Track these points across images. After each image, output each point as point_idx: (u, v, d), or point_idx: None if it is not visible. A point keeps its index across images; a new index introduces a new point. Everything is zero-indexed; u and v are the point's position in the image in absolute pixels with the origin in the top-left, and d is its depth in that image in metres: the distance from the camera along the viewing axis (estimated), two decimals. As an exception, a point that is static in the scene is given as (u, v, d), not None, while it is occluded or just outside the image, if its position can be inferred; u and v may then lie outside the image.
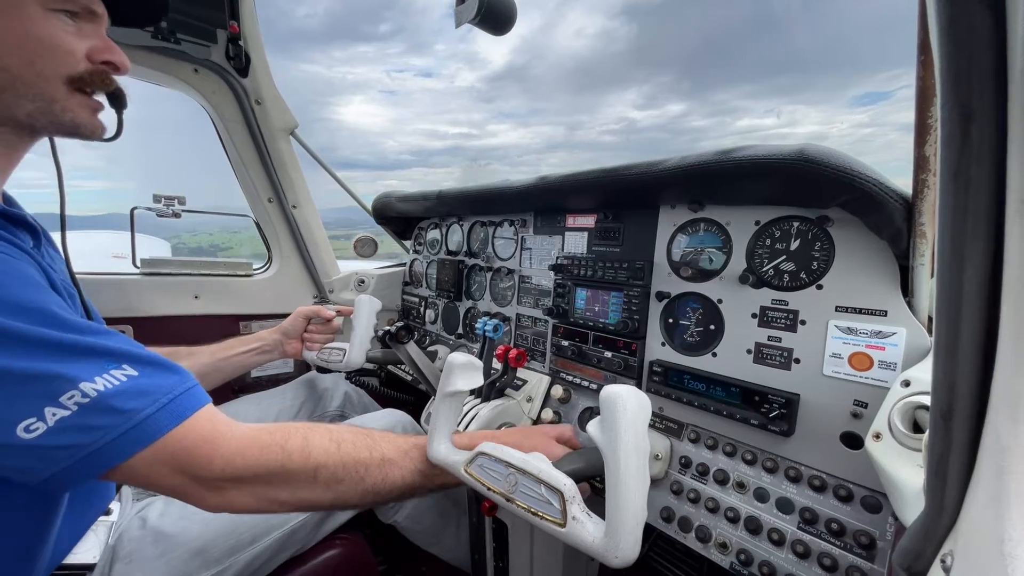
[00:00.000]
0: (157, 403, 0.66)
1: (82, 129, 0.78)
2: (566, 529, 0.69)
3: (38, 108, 0.73)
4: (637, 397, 0.67)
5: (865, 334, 0.79)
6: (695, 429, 1.01)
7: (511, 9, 1.00)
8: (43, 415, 0.58)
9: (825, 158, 0.73)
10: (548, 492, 0.72)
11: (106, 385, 0.62)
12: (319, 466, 0.78)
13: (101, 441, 0.62)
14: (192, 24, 1.59)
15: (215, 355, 1.39)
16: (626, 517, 0.63)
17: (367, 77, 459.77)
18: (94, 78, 0.77)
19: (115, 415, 0.63)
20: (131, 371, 0.66)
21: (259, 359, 1.47)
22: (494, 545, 1.21)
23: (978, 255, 0.34)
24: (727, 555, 0.87)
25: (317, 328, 1.54)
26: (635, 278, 1.11)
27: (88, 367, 0.62)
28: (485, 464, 0.82)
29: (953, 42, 0.31)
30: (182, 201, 1.83)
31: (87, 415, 0.61)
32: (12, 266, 0.64)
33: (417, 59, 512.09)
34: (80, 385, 0.60)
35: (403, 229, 2.12)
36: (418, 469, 0.88)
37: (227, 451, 0.72)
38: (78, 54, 0.74)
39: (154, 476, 0.68)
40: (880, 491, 0.75)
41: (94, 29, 0.77)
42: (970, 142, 0.32)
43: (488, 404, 1.22)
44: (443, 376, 0.88)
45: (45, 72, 0.71)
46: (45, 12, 0.70)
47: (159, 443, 0.66)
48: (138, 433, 0.64)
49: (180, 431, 0.68)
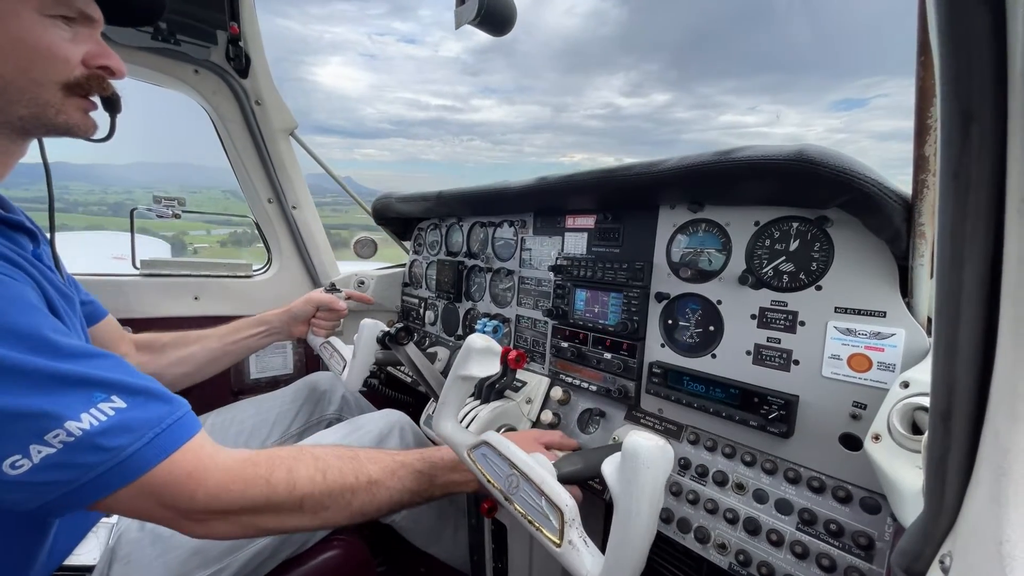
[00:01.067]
0: (143, 439, 0.65)
1: (75, 130, 0.79)
2: (561, 550, 0.67)
3: (32, 113, 0.73)
4: (663, 453, 0.63)
5: (864, 335, 0.79)
6: (694, 430, 1.01)
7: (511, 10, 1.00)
8: (28, 452, 0.58)
9: (824, 159, 0.73)
10: (548, 507, 0.71)
11: (92, 423, 0.62)
12: (304, 496, 0.78)
13: (85, 478, 0.62)
14: (192, 25, 1.59)
15: (224, 339, 1.41)
16: (625, 565, 0.62)
17: (346, 38, 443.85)
18: (90, 83, 0.77)
19: (100, 452, 0.62)
20: (119, 403, 0.65)
21: (266, 341, 1.49)
22: (493, 546, 1.21)
23: (978, 256, 0.34)
24: (726, 556, 0.86)
25: (325, 315, 1.55)
26: (635, 279, 1.11)
27: (76, 402, 0.62)
28: (488, 455, 0.81)
29: (953, 42, 0.31)
30: (182, 202, 1.84)
31: (72, 453, 0.60)
32: (11, 290, 0.63)
33: (400, 23, 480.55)
34: (65, 424, 0.60)
35: (403, 230, 2.12)
36: (406, 487, 0.88)
37: (212, 486, 0.71)
38: (73, 60, 0.74)
39: (138, 509, 0.69)
40: (879, 492, 0.75)
41: (89, 34, 0.77)
42: (970, 142, 0.32)
43: (487, 406, 1.22)
44: (460, 357, 0.86)
45: (40, 78, 0.71)
46: (41, 18, 0.70)
47: (143, 479, 0.65)
48: (122, 470, 0.64)
49: (165, 467, 0.67)
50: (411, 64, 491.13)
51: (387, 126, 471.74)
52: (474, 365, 0.85)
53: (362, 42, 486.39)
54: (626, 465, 0.63)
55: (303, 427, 1.52)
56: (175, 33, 1.57)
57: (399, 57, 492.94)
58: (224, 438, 1.38)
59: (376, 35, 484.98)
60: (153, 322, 1.76)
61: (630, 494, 0.62)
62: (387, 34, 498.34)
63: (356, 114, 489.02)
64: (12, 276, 0.65)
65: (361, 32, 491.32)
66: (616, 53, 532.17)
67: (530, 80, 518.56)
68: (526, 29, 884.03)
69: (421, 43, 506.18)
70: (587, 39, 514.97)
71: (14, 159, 0.80)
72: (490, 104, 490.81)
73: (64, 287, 0.85)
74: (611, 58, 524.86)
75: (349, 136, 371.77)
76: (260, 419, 1.45)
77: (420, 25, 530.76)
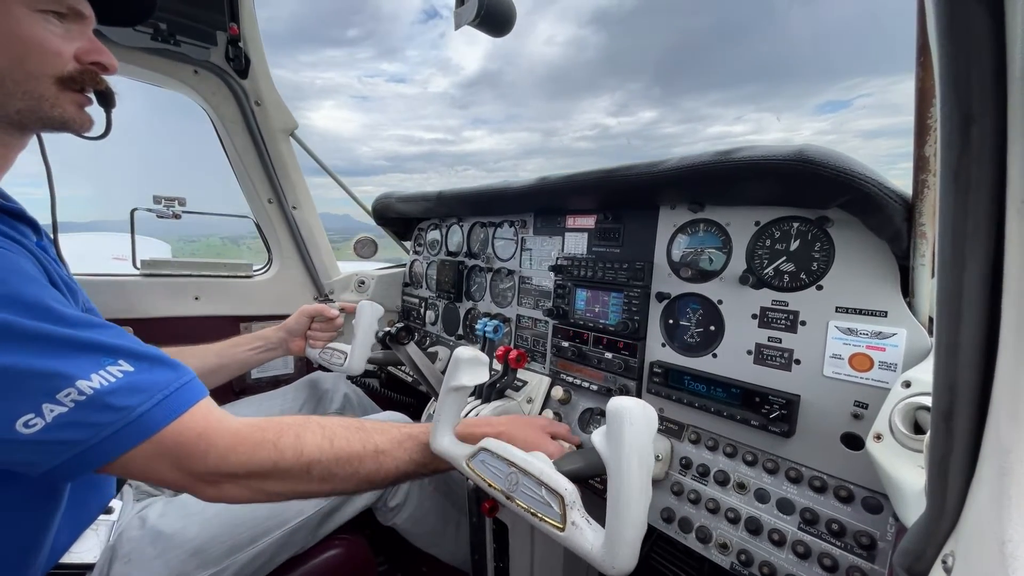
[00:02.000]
0: (152, 399, 0.68)
1: (71, 124, 0.80)
2: (565, 534, 0.69)
3: (27, 106, 0.74)
4: (644, 410, 0.66)
5: (865, 335, 0.79)
6: (696, 430, 1.01)
7: (510, 10, 1.00)
8: (41, 411, 0.60)
9: (824, 158, 0.73)
10: (548, 495, 0.72)
11: (102, 382, 0.64)
12: (312, 462, 0.79)
13: (97, 437, 0.63)
14: (192, 26, 1.59)
15: (220, 354, 1.41)
16: (625, 529, 0.63)
17: (337, 82, 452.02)
18: (84, 77, 0.78)
19: (111, 412, 0.64)
20: (127, 367, 0.67)
21: (264, 357, 1.48)
22: (494, 546, 1.21)
23: (979, 255, 0.34)
24: (728, 555, 0.87)
25: (320, 326, 1.55)
26: (635, 279, 1.11)
27: (85, 363, 0.64)
28: (487, 460, 0.82)
29: (952, 43, 0.31)
30: (182, 202, 1.84)
31: (84, 412, 0.62)
32: (11, 261, 0.65)
33: (388, 64, 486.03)
34: (76, 383, 0.62)
35: (403, 230, 2.12)
36: (412, 459, 0.89)
37: (222, 447, 0.73)
38: (65, 55, 0.75)
39: (151, 470, 0.70)
40: (881, 492, 0.75)
41: (81, 30, 0.79)
42: (970, 143, 0.32)
43: (488, 405, 1.22)
44: (449, 369, 0.88)
45: (34, 71, 0.73)
46: (31, 13, 0.71)
47: (154, 439, 0.67)
48: (133, 429, 0.66)
49: (175, 427, 0.69)
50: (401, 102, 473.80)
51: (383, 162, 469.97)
52: (464, 375, 0.87)
53: (352, 85, 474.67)
54: (611, 426, 0.66)
55: (304, 427, 1.52)
56: (175, 34, 1.57)
57: (390, 96, 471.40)
58: None
59: (366, 77, 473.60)
60: (154, 322, 1.76)
61: (619, 454, 0.64)
62: (376, 75, 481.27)
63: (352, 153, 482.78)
64: (10, 249, 0.66)
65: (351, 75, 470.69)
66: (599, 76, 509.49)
67: (518, 109, 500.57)
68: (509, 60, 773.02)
69: (410, 81, 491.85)
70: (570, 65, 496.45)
71: (13, 153, 0.81)
72: (481, 134, 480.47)
73: (69, 280, 0.86)
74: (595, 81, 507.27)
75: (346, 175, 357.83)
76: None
77: (408, 65, 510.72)
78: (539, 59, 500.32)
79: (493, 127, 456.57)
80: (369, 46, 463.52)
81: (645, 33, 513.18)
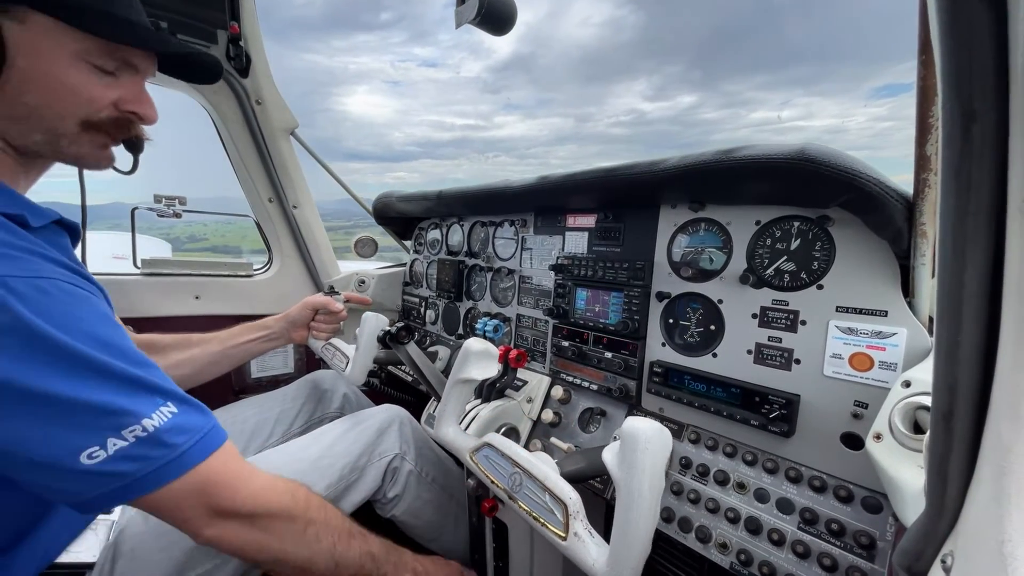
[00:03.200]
0: (194, 438, 0.73)
1: (84, 162, 0.82)
2: (567, 543, 0.69)
3: (45, 139, 0.75)
4: (660, 435, 0.65)
5: (866, 334, 0.79)
6: (695, 430, 1.01)
7: (511, 9, 1.00)
8: (105, 445, 0.65)
9: (825, 158, 0.73)
10: (552, 501, 0.72)
11: (161, 421, 0.69)
12: (311, 521, 0.86)
13: (146, 470, 0.68)
14: (192, 25, 1.59)
15: (224, 343, 1.42)
16: (631, 550, 0.63)
17: (370, 67, 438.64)
18: (112, 124, 0.78)
19: (163, 448, 0.69)
20: (173, 408, 0.72)
21: (267, 346, 1.50)
22: (494, 545, 1.21)
23: (979, 255, 0.34)
24: (727, 555, 0.87)
25: (324, 318, 1.56)
26: (635, 278, 1.11)
27: (147, 403, 0.69)
28: (491, 456, 0.82)
29: (954, 41, 0.31)
30: (183, 201, 1.83)
31: (141, 447, 0.67)
32: (95, 305, 0.70)
33: (420, 49, 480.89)
34: (143, 421, 0.67)
35: (403, 229, 2.12)
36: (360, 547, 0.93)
37: (252, 487, 0.79)
38: (101, 102, 0.75)
39: (179, 505, 0.74)
40: (880, 492, 0.75)
41: (132, 80, 0.79)
42: (971, 142, 0.32)
43: (488, 405, 1.22)
44: (458, 361, 0.87)
45: (62, 112, 0.73)
46: (78, 61, 0.72)
47: (191, 474, 0.72)
48: (177, 464, 0.71)
49: (209, 464, 0.75)
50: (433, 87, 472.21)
51: (414, 149, 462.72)
52: (473, 368, 0.86)
53: (385, 70, 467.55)
54: (625, 449, 0.65)
55: (305, 426, 1.52)
56: (175, 33, 1.57)
57: (422, 81, 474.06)
58: None
59: (398, 62, 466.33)
60: (154, 321, 1.76)
61: (631, 477, 0.63)
62: (408, 60, 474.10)
63: (384, 139, 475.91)
64: (89, 291, 0.71)
65: (384, 60, 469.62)
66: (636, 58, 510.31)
67: (551, 93, 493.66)
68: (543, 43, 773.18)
69: (442, 66, 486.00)
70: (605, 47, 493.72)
71: (37, 173, 0.82)
72: (513, 120, 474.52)
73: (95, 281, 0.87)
74: (631, 64, 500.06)
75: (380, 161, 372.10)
76: (262, 418, 1.46)
77: (440, 49, 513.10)
78: (573, 41, 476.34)
79: (525, 112, 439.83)
80: (401, 30, 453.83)
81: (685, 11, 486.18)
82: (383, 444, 1.25)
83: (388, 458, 1.23)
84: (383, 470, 1.22)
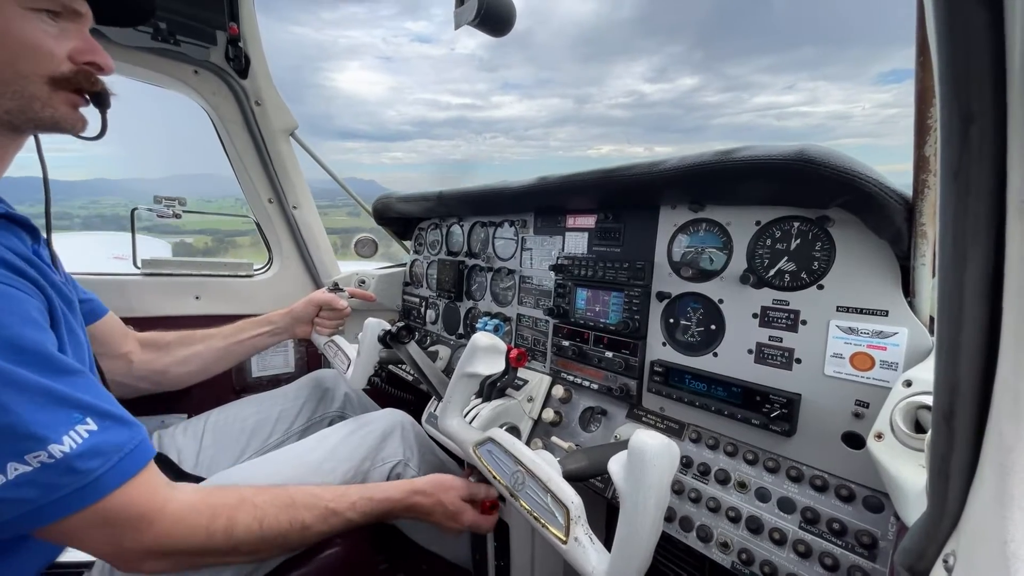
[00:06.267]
0: (109, 462, 0.67)
1: (62, 124, 0.79)
2: (567, 547, 0.68)
3: (17, 106, 0.73)
4: (669, 452, 0.64)
5: (866, 334, 0.79)
6: (696, 429, 1.01)
7: (510, 10, 1.00)
8: (5, 469, 0.59)
9: (825, 158, 0.73)
10: (554, 503, 0.72)
11: (71, 445, 0.63)
12: (240, 543, 0.80)
13: (49, 498, 0.62)
14: (192, 26, 1.59)
15: (229, 338, 1.43)
16: (632, 563, 0.63)
17: (361, 41, 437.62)
18: (78, 78, 0.77)
19: (71, 475, 0.63)
20: (92, 425, 0.66)
21: (270, 341, 1.51)
22: (495, 544, 1.22)
23: (979, 255, 0.34)
24: (728, 554, 0.87)
25: (328, 315, 1.57)
26: (636, 278, 1.11)
27: (61, 421, 0.63)
28: (494, 451, 0.81)
29: (952, 42, 0.31)
30: (182, 202, 1.84)
31: (47, 473, 0.61)
32: (21, 306, 0.65)
33: (413, 23, 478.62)
34: (48, 447, 0.61)
35: (403, 230, 2.12)
36: (335, 530, 0.92)
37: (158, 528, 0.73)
38: (59, 55, 0.74)
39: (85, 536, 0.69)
40: (882, 491, 0.75)
41: (77, 29, 0.77)
42: (970, 142, 0.32)
43: (489, 404, 1.22)
44: (465, 355, 0.87)
45: (25, 71, 0.72)
46: (23, 12, 0.70)
47: (100, 504, 0.67)
48: (84, 493, 0.65)
49: (121, 495, 0.69)
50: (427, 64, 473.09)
51: (409, 128, 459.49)
52: (479, 363, 0.86)
53: (376, 45, 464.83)
54: (633, 463, 0.64)
55: (306, 424, 1.52)
56: (175, 33, 1.57)
57: (415, 57, 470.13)
58: (226, 436, 1.38)
59: (390, 36, 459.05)
60: (154, 321, 1.76)
61: (637, 492, 0.63)
62: (400, 35, 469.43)
63: (378, 117, 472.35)
64: (17, 287, 0.66)
65: (375, 35, 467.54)
66: (636, 37, 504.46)
67: (549, 72, 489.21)
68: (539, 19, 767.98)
69: (436, 42, 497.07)
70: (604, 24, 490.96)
71: (9, 154, 0.81)
72: (511, 100, 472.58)
73: (63, 286, 0.85)
74: (631, 43, 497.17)
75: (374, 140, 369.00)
76: (262, 417, 1.46)
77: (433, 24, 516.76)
78: (571, 18, 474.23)
79: (523, 92, 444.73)
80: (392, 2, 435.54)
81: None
82: (386, 449, 1.25)
83: (391, 464, 1.23)
84: (386, 475, 1.22)
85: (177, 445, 1.32)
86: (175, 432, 1.36)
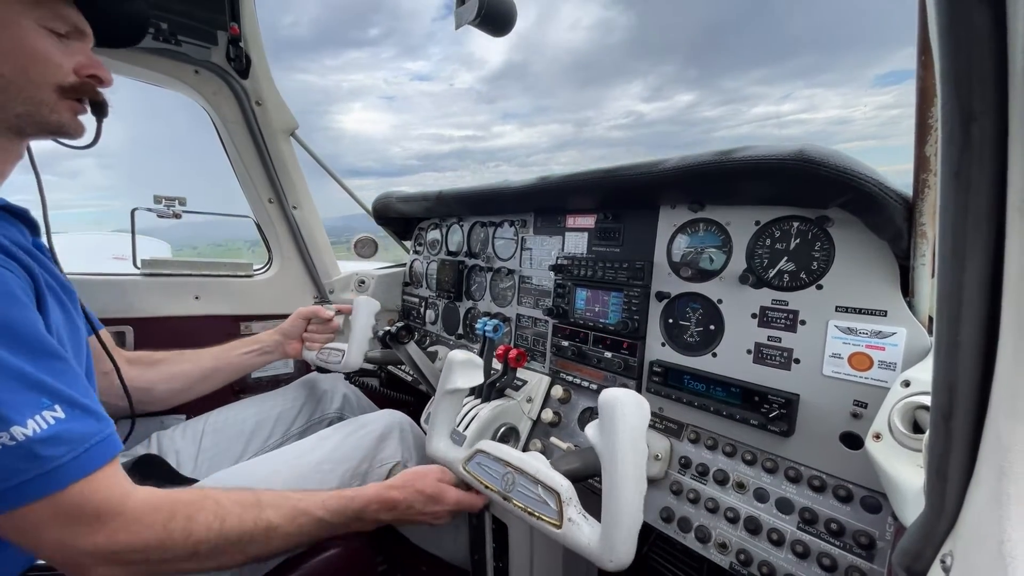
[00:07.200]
0: (74, 451, 0.66)
1: (65, 129, 0.84)
2: (562, 531, 0.69)
3: (27, 111, 0.78)
4: (636, 401, 0.66)
5: (865, 334, 0.79)
6: (695, 429, 1.01)
7: (511, 10, 1.00)
8: None
9: (824, 158, 0.73)
10: (545, 492, 0.72)
11: (35, 429, 0.62)
12: (199, 542, 0.77)
13: (7, 483, 0.61)
14: (193, 26, 1.59)
15: (217, 357, 1.42)
16: (621, 521, 0.64)
17: (363, 84, 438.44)
18: (83, 88, 0.84)
19: (32, 460, 0.62)
20: (60, 413, 0.66)
21: (260, 360, 1.49)
22: (494, 545, 1.21)
23: (979, 255, 0.34)
24: (727, 555, 0.87)
25: (317, 328, 1.55)
26: (635, 278, 1.11)
27: (27, 404, 0.63)
28: (483, 462, 0.82)
29: (953, 42, 0.31)
30: (183, 202, 1.84)
31: (6, 456, 0.60)
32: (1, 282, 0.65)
33: (412, 63, 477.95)
34: (11, 428, 0.60)
35: (403, 230, 2.12)
36: (304, 533, 0.88)
37: (113, 526, 0.70)
38: (66, 67, 0.81)
39: (38, 532, 0.67)
40: (880, 491, 0.75)
41: (81, 47, 0.84)
42: (971, 142, 0.32)
43: (488, 404, 1.22)
44: (443, 374, 0.88)
45: (37, 79, 0.78)
46: (38, 28, 0.77)
47: (59, 495, 0.65)
48: (44, 481, 0.63)
49: (80, 488, 0.67)
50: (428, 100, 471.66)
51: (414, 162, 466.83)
52: (458, 378, 0.87)
53: (379, 86, 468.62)
54: (604, 419, 0.66)
55: (304, 426, 1.52)
56: (175, 33, 1.57)
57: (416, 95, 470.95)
58: (224, 437, 1.38)
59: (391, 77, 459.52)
60: (154, 321, 1.76)
61: (613, 445, 0.64)
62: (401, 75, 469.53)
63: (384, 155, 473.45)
64: (8, 268, 0.68)
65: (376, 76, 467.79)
66: (629, 60, 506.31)
67: (547, 100, 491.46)
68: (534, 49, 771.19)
69: (436, 79, 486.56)
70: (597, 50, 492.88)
71: (12, 158, 0.85)
72: (511, 129, 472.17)
73: (64, 279, 0.87)
74: (625, 66, 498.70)
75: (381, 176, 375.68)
76: (261, 418, 1.46)
77: (431, 62, 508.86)
78: (565, 46, 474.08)
79: (523, 120, 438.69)
80: (391, 45, 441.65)
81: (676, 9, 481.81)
82: (385, 451, 1.24)
83: (389, 465, 1.23)
84: (384, 476, 1.22)
85: (176, 446, 1.32)
86: (174, 433, 1.36)
